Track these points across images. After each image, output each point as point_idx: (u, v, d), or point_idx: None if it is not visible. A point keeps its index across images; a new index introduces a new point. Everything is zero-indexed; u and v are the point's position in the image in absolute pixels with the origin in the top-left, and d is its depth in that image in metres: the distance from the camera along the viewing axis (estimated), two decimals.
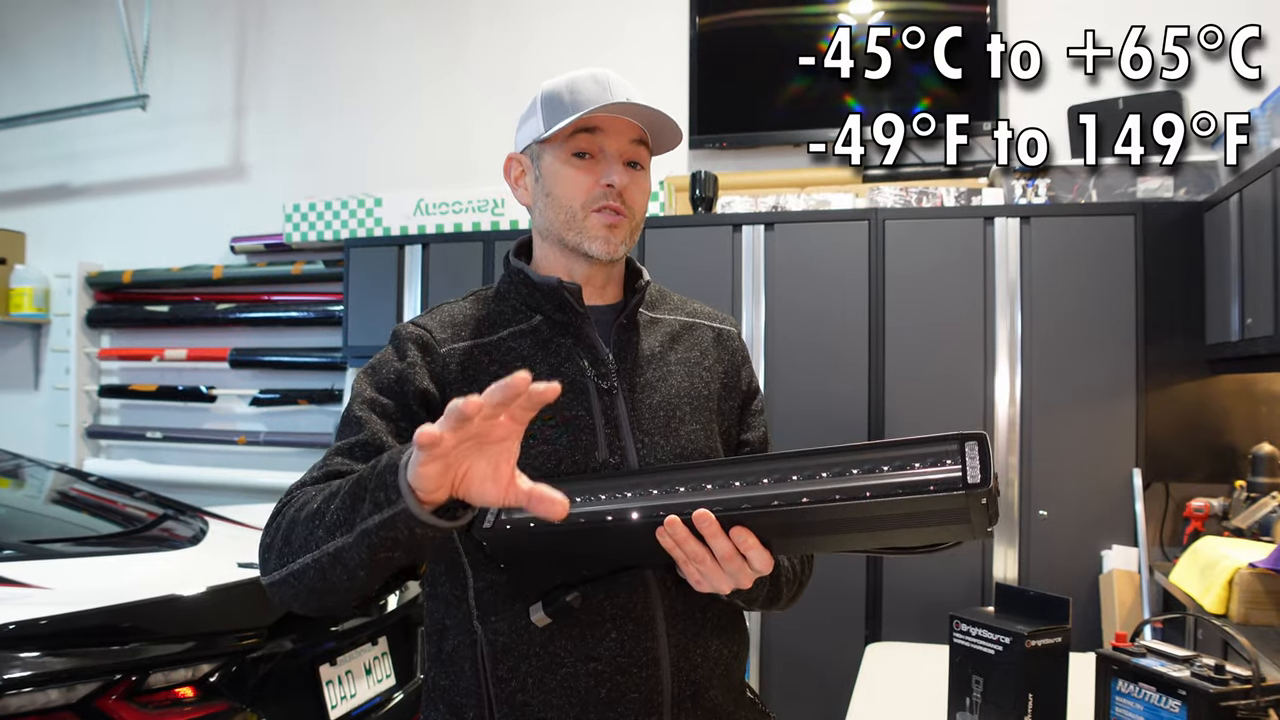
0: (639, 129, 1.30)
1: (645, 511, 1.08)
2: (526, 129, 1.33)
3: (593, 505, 1.10)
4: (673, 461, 1.26)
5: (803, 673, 3.11)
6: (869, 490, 1.03)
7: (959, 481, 0.99)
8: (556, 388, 0.90)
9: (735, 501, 1.06)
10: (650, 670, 1.22)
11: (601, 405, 1.26)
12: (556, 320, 1.30)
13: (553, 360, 1.27)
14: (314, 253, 4.44)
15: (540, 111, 1.30)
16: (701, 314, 1.45)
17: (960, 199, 3.20)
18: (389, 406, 1.23)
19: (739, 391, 1.41)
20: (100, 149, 5.01)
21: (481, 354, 1.27)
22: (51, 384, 5.07)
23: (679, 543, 1.06)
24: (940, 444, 1.04)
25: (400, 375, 1.24)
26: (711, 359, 1.38)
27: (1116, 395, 2.95)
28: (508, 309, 1.32)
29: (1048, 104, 3.44)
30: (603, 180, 1.26)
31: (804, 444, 3.27)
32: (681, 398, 1.31)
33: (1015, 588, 1.70)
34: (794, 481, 1.07)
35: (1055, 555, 2.97)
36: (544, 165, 1.30)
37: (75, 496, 2.87)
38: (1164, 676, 1.50)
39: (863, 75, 3.62)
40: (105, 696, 1.67)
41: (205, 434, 4.66)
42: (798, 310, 3.18)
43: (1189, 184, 3.17)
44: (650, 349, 1.34)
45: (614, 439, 1.25)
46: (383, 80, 4.43)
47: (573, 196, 1.27)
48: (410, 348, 1.27)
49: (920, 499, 1.00)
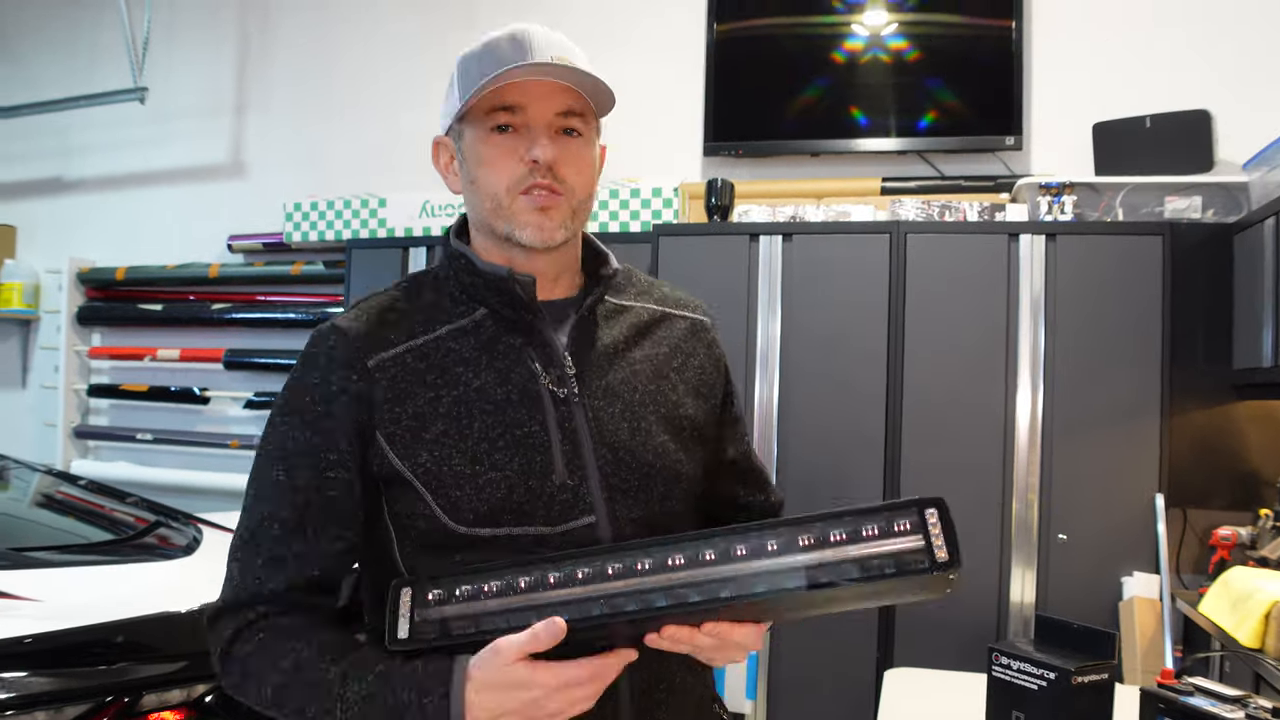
0: (571, 92, 1.10)
1: (589, 624, 0.97)
2: (446, 106, 1.16)
3: (517, 623, 0.98)
4: (638, 479, 1.11)
5: (812, 697, 3.02)
6: (836, 580, 0.94)
7: (926, 562, 0.93)
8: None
9: (691, 604, 0.96)
10: (608, 691, 1.07)
11: (558, 417, 1.09)
12: (504, 316, 1.13)
13: (500, 365, 1.10)
14: (314, 253, 4.35)
15: (456, 84, 1.13)
16: (672, 300, 1.27)
17: (984, 214, 3.13)
18: (325, 459, 1.07)
19: (718, 391, 1.25)
20: (96, 142, 4.92)
21: (416, 360, 1.09)
22: (39, 382, 4.97)
23: (657, 645, 0.98)
24: (900, 513, 0.95)
25: (328, 410, 1.07)
26: (683, 356, 1.22)
27: (1139, 418, 2.88)
28: (445, 299, 1.15)
29: (1072, 121, 3.38)
30: (526, 156, 1.08)
31: (817, 462, 3.20)
32: (647, 404, 1.15)
33: (1057, 619, 1.63)
34: (754, 575, 0.96)
35: (1074, 580, 2.89)
36: (465, 147, 1.13)
37: (63, 501, 2.77)
38: (1217, 717, 1.43)
39: (876, 87, 3.57)
40: (96, 719, 1.58)
41: (197, 436, 4.56)
42: (815, 323, 3.10)
43: (1217, 205, 3.11)
44: (613, 343, 1.17)
45: (573, 456, 1.09)
46: (388, 79, 4.34)
47: (495, 179, 1.09)
48: (333, 368, 1.09)
49: (887, 583, 0.94)
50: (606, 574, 0.98)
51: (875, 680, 2.87)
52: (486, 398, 1.08)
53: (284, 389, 1.12)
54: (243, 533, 1.08)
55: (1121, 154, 3.24)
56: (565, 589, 0.98)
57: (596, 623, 0.96)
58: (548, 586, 0.98)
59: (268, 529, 1.06)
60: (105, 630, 1.72)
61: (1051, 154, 3.46)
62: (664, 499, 1.14)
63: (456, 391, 1.08)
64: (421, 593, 1.00)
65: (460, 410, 1.07)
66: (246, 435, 4.44)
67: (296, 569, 1.05)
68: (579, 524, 1.08)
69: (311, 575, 1.06)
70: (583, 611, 0.96)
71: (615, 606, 0.96)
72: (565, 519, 1.08)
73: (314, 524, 1.06)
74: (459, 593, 0.99)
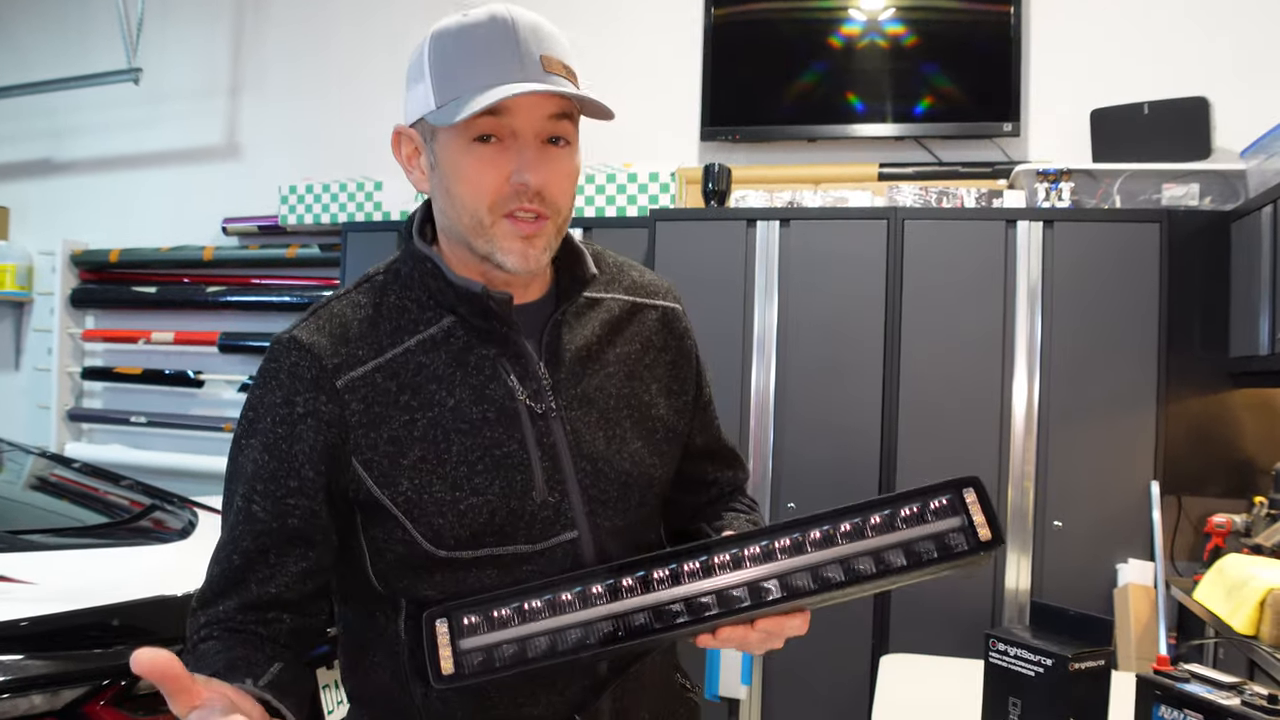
0: (562, 100, 1.00)
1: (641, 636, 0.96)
2: (415, 95, 1.03)
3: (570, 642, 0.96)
4: (616, 490, 1.09)
5: (808, 683, 3.03)
6: (882, 568, 0.95)
7: (971, 542, 0.94)
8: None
9: (739, 610, 0.96)
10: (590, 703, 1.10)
11: (536, 433, 1.05)
12: (474, 325, 1.06)
13: (474, 380, 1.05)
14: (309, 236, 4.33)
15: (429, 75, 1.01)
16: (641, 288, 1.21)
17: (981, 200, 3.13)
18: (285, 485, 1.02)
19: (690, 386, 1.21)
20: (89, 123, 4.88)
21: (386, 379, 1.03)
22: (33, 364, 4.94)
23: (708, 645, 0.98)
24: (938, 494, 0.96)
25: (291, 433, 1.02)
26: (655, 351, 1.18)
27: (1136, 406, 2.88)
28: (411, 304, 1.07)
29: (1070, 107, 3.37)
30: (514, 178, 0.99)
31: (814, 448, 3.19)
32: (621, 410, 1.12)
33: (1053, 606, 1.63)
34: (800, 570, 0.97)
35: (1069, 567, 2.90)
36: (439, 151, 1.02)
37: (58, 483, 2.75)
38: (1213, 704, 1.43)
39: (873, 72, 3.56)
40: (92, 703, 1.57)
41: (192, 420, 4.54)
42: (812, 309, 3.09)
43: (1214, 192, 3.11)
44: (586, 344, 1.12)
45: (553, 473, 1.05)
46: (384, 61, 4.30)
47: (477, 198, 1.00)
48: (299, 389, 1.02)
49: (933, 568, 0.95)
50: (650, 583, 0.96)
51: (871, 666, 2.88)
52: (462, 417, 1.04)
53: (246, 404, 1.07)
54: (217, 549, 1.07)
55: (1119, 141, 3.23)
56: (610, 602, 0.96)
57: (650, 634, 0.95)
58: (590, 600, 0.96)
59: (230, 555, 1.04)
60: (101, 614, 1.71)
61: (1049, 140, 3.45)
62: (640, 505, 1.14)
63: (432, 413, 1.03)
64: (457, 622, 0.96)
65: (437, 433, 1.03)
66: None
67: (254, 591, 1.03)
68: (561, 540, 1.06)
69: (266, 595, 1.03)
70: (631, 623, 0.95)
71: (665, 618, 0.95)
72: (546, 536, 1.05)
73: (275, 550, 1.03)
74: (498, 616, 0.96)
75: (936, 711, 1.79)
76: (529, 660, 0.95)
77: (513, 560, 1.05)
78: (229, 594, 1.03)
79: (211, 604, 1.03)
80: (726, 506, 1.27)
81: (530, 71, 0.98)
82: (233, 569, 1.03)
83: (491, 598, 0.98)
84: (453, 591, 1.04)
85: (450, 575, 1.04)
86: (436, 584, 1.05)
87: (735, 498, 1.31)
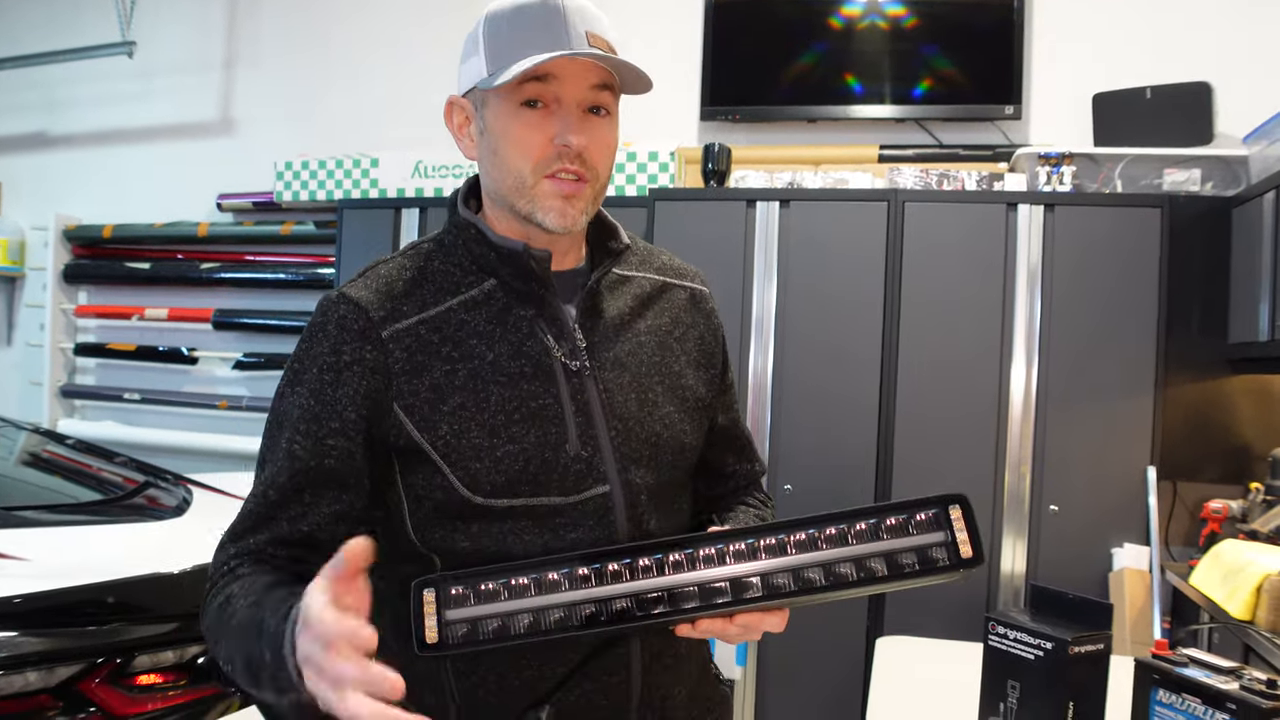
0: (604, 70, 1.08)
1: (620, 622, 0.99)
2: (469, 68, 1.11)
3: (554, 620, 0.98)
4: (648, 449, 1.13)
5: (803, 664, 3.03)
6: (862, 576, 0.99)
7: (951, 558, 0.98)
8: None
9: (719, 604, 1.00)
10: (622, 676, 1.12)
11: (570, 389, 1.10)
12: (514, 287, 1.12)
13: (513, 337, 1.10)
14: (305, 213, 4.30)
15: (483, 47, 1.08)
16: (671, 270, 1.27)
17: (982, 183, 3.11)
18: (326, 426, 1.06)
19: (717, 360, 1.27)
20: (83, 97, 4.83)
21: (430, 332, 1.09)
22: (25, 340, 4.91)
23: (688, 634, 1.02)
24: (924, 508, 1.00)
25: (337, 379, 1.07)
26: (684, 326, 1.23)
27: (1133, 391, 2.88)
28: (454, 269, 1.13)
29: (1072, 90, 3.36)
30: (557, 140, 1.06)
31: (812, 430, 3.18)
32: (653, 375, 1.17)
33: (1052, 589, 1.62)
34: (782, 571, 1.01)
35: (1065, 551, 2.90)
36: (489, 116, 1.09)
37: (51, 460, 2.74)
38: (1211, 689, 1.43)
39: (873, 54, 3.53)
40: (88, 680, 1.56)
41: (185, 397, 4.52)
42: (811, 291, 3.08)
43: (1216, 178, 3.09)
44: (619, 314, 1.18)
45: (586, 428, 1.10)
46: (382, 34, 4.27)
47: (522, 158, 1.07)
48: (346, 339, 1.07)
49: (912, 579, 0.99)
50: (637, 570, 0.99)
51: (866, 648, 2.88)
52: (501, 370, 1.09)
53: (292, 360, 1.11)
54: (253, 490, 1.09)
55: (1121, 125, 3.22)
56: (595, 586, 0.98)
57: (630, 620, 0.98)
58: (577, 582, 0.98)
59: (265, 491, 1.07)
60: (96, 591, 1.70)
61: (1051, 124, 3.43)
62: (672, 467, 1.17)
63: (472, 364, 1.08)
64: (445, 592, 0.98)
65: (476, 383, 1.07)
66: (235, 396, 4.40)
67: (285, 528, 1.05)
68: (594, 493, 1.09)
69: (299, 533, 1.05)
70: (614, 609, 0.97)
71: (645, 605, 0.98)
72: (579, 489, 1.09)
73: (311, 489, 1.05)
74: (485, 589, 0.98)
75: (933, 694, 1.78)
76: (511, 636, 0.97)
77: (546, 513, 1.08)
78: (260, 528, 1.05)
79: (242, 537, 1.06)
80: (739, 501, 1.30)
81: (577, 44, 1.05)
82: (267, 504, 1.06)
83: (481, 571, 1.00)
84: (487, 546, 1.07)
85: (485, 527, 1.08)
86: (472, 535, 1.08)
87: (750, 493, 1.33)
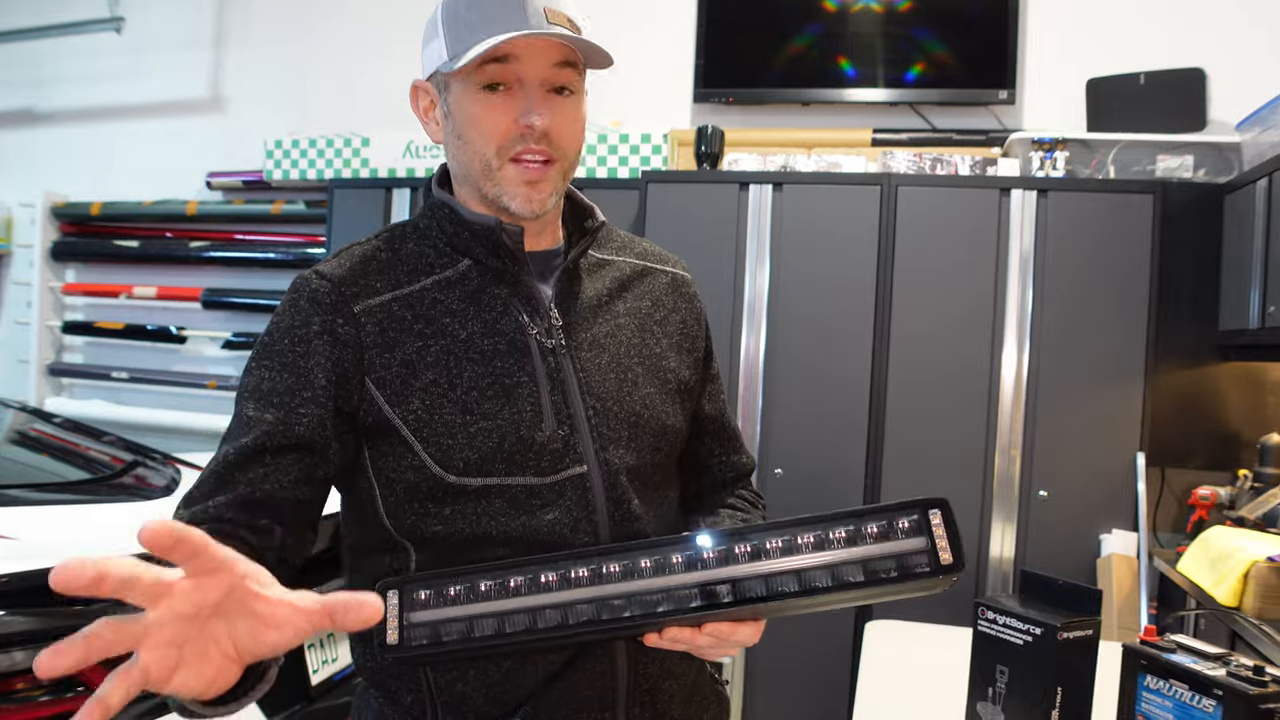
0: (565, 47, 1.05)
1: (588, 628, 0.95)
2: (430, 52, 1.09)
3: (518, 627, 0.95)
4: (627, 430, 1.11)
5: (791, 648, 3.04)
6: (839, 582, 0.95)
7: (930, 564, 0.94)
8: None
9: (690, 610, 0.95)
10: (605, 664, 1.09)
11: (546, 368, 1.08)
12: (489, 266, 1.11)
13: (487, 315, 1.09)
14: (295, 192, 4.27)
15: (442, 30, 1.06)
16: (652, 255, 1.26)
17: (975, 168, 3.10)
18: (298, 396, 1.03)
19: (700, 345, 1.25)
20: (71, 73, 4.78)
21: (402, 309, 1.07)
22: (12, 318, 4.87)
23: (656, 644, 0.97)
24: (903, 513, 0.96)
25: (308, 350, 1.04)
26: (665, 310, 1.21)
27: (1123, 377, 2.89)
28: (429, 250, 1.12)
29: (1066, 76, 3.35)
30: (521, 120, 1.04)
31: (803, 413, 3.17)
32: (633, 356, 1.15)
33: (1042, 575, 1.62)
34: (755, 578, 0.96)
35: (1053, 536, 2.92)
36: (452, 100, 1.08)
37: (38, 438, 2.72)
38: (1198, 675, 1.43)
39: (866, 36, 3.51)
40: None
41: (174, 376, 4.50)
42: (804, 275, 3.07)
43: (1208, 164, 3.09)
44: (596, 296, 1.16)
45: (561, 407, 1.08)
46: (374, 13, 4.23)
47: (486, 141, 1.05)
48: (316, 311, 1.06)
49: (890, 586, 0.95)
50: (603, 576, 0.95)
51: (855, 632, 2.89)
52: (474, 348, 1.07)
53: (264, 333, 1.09)
54: (214, 456, 1.05)
55: (1115, 111, 3.21)
56: (561, 591, 0.95)
57: (594, 627, 0.95)
58: (541, 588, 0.95)
59: (227, 456, 1.02)
60: None
61: (1045, 109, 3.43)
62: (654, 450, 1.14)
63: (444, 341, 1.06)
64: (409, 595, 0.96)
65: (449, 360, 1.06)
66: (224, 376, 4.38)
67: (248, 490, 1.00)
68: (570, 474, 1.07)
69: (260, 493, 1.00)
70: (579, 615, 0.94)
71: (613, 611, 0.94)
72: (556, 469, 1.07)
73: (273, 453, 1.01)
74: (450, 593, 0.95)
75: (922, 678, 1.79)
76: (473, 640, 0.94)
77: (521, 492, 1.06)
78: (219, 490, 1.00)
79: (197, 501, 1.00)
80: (725, 503, 1.27)
81: (535, 22, 1.02)
82: (226, 464, 1.01)
83: (447, 573, 0.97)
84: (462, 529, 1.05)
85: (459, 508, 1.05)
86: (446, 518, 1.05)
87: (736, 491, 1.31)
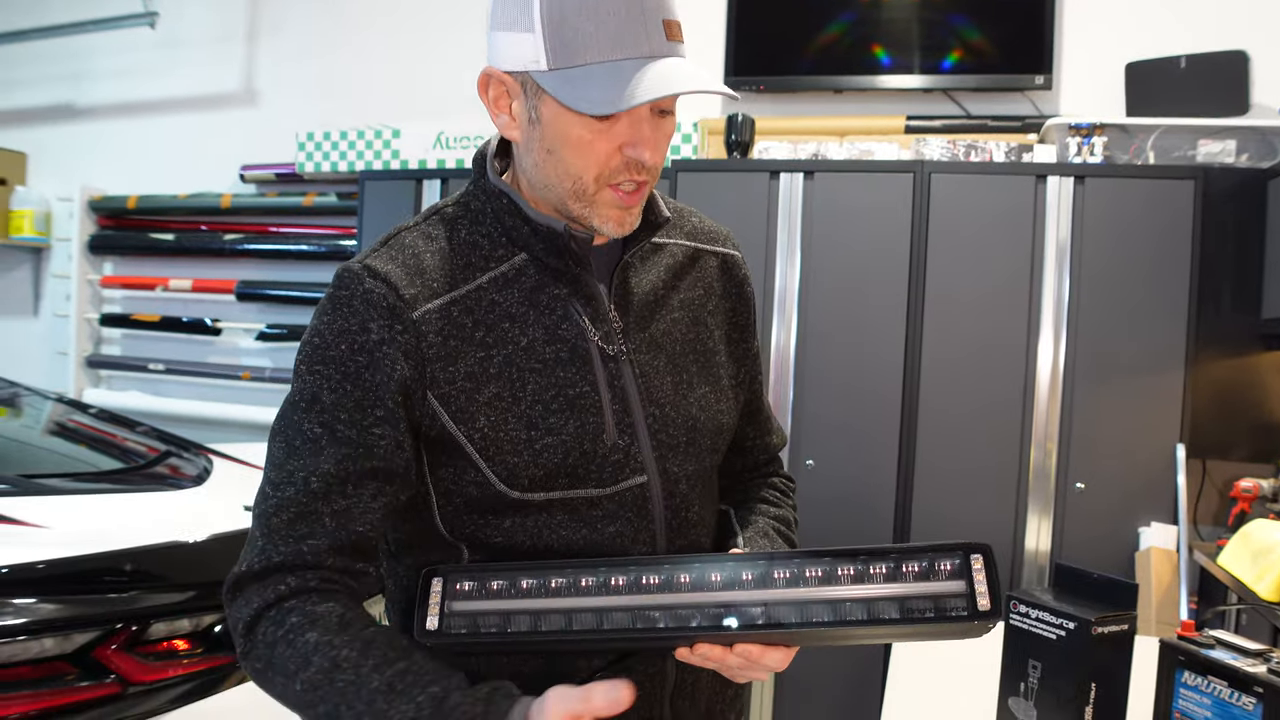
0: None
1: (620, 636, 0.97)
2: (516, 44, 0.96)
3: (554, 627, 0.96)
4: (685, 435, 1.09)
5: None
6: (874, 618, 0.95)
7: (968, 609, 0.93)
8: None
9: (724, 629, 0.95)
10: (657, 664, 1.08)
11: (607, 376, 1.05)
12: (547, 264, 1.05)
13: (547, 320, 1.04)
14: (327, 184, 4.29)
15: (541, 28, 0.93)
16: (703, 234, 1.21)
17: (1010, 154, 3.06)
18: (371, 415, 0.97)
19: (750, 330, 1.24)
20: (106, 68, 4.83)
21: (461, 313, 1.01)
22: (52, 310, 4.95)
23: (686, 659, 0.97)
24: (945, 555, 0.95)
25: (371, 361, 0.98)
26: (716, 297, 1.19)
27: (1163, 367, 2.83)
28: (483, 239, 1.06)
29: (1104, 60, 3.28)
30: (628, 152, 0.97)
31: (834, 407, 3.13)
32: (687, 354, 1.13)
33: (1077, 568, 1.59)
34: (791, 604, 0.97)
35: (1090, 529, 2.87)
36: (545, 112, 0.98)
37: (74, 429, 2.76)
38: (1238, 672, 1.40)
39: (901, 23, 3.47)
40: (104, 646, 1.57)
41: (209, 368, 4.54)
42: (836, 264, 3.04)
43: (1251, 149, 3.02)
44: (652, 289, 1.12)
45: (623, 416, 1.05)
46: (405, 5, 4.24)
47: (585, 166, 0.98)
48: (373, 315, 0.98)
49: (925, 626, 0.94)
50: (642, 586, 0.96)
51: None
52: (536, 356, 1.03)
53: (312, 335, 1.01)
54: (270, 490, 0.98)
55: (1154, 95, 3.15)
56: (598, 596, 0.96)
57: (628, 634, 0.96)
58: (580, 591, 0.96)
59: (303, 484, 0.96)
60: (115, 558, 1.70)
61: (1082, 94, 3.37)
62: (711, 451, 1.14)
63: (506, 350, 1.02)
64: (453, 584, 0.97)
65: (512, 371, 1.02)
66: (258, 367, 4.42)
67: (336, 527, 0.96)
68: (631, 484, 1.06)
69: (354, 534, 0.97)
70: (614, 621, 0.95)
71: (648, 621, 0.95)
72: (617, 479, 1.05)
73: (355, 480, 0.97)
74: (491, 587, 0.97)
75: (953, 672, 1.77)
76: (509, 636, 0.95)
77: (583, 504, 1.04)
78: (303, 522, 0.96)
79: (285, 536, 0.95)
80: (758, 495, 1.26)
81: (655, 42, 0.94)
82: (309, 492, 0.96)
83: (491, 568, 0.99)
84: (522, 541, 1.04)
85: (520, 520, 1.03)
86: (505, 530, 1.04)
87: (768, 477, 1.30)
